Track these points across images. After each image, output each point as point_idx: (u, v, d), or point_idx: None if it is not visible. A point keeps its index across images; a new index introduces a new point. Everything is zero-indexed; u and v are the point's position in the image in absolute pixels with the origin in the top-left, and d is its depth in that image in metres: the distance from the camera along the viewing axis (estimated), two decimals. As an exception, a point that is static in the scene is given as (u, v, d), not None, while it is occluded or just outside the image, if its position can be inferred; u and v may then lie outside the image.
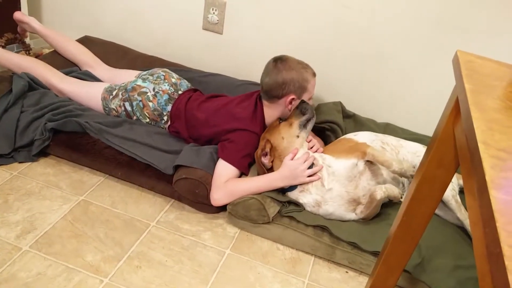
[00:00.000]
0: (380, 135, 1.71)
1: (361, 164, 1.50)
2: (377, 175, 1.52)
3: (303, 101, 1.61)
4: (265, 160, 1.54)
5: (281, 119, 1.62)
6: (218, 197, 1.51)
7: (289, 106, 1.68)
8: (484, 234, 0.45)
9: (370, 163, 1.51)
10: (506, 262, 0.39)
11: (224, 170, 1.55)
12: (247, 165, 1.60)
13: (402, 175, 1.46)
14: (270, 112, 1.70)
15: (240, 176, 1.59)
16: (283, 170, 1.51)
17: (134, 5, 2.24)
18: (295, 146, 1.55)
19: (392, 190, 1.45)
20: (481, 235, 0.49)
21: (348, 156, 1.52)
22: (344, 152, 1.55)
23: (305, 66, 1.69)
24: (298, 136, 1.57)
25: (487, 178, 0.50)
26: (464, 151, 0.71)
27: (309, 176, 1.51)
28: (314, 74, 1.71)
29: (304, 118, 1.58)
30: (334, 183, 1.50)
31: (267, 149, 1.54)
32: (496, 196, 0.47)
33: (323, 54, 2.04)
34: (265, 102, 1.72)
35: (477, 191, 0.51)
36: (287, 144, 1.55)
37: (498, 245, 0.41)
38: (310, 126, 1.60)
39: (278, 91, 1.66)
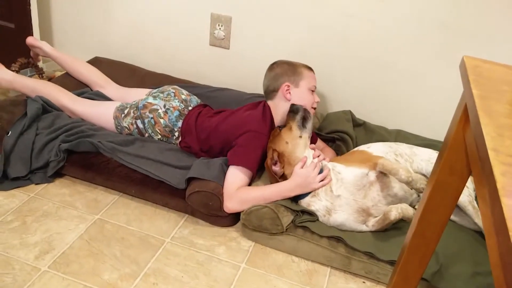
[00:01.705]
0: (394, 146, 1.70)
1: (372, 175, 1.49)
2: (389, 187, 1.51)
3: (292, 104, 1.64)
4: (276, 168, 1.55)
5: (280, 127, 1.64)
6: (230, 205, 1.53)
7: (287, 95, 1.73)
8: (498, 243, 0.45)
9: (382, 175, 1.50)
10: (521, 272, 0.38)
11: (234, 176, 1.56)
12: (256, 165, 1.60)
13: (409, 184, 1.42)
14: (276, 109, 1.74)
15: (251, 183, 1.60)
16: (295, 179, 1.52)
17: (141, 24, 2.28)
18: (300, 147, 1.56)
19: (408, 211, 1.43)
20: (495, 244, 0.48)
21: (360, 165, 1.52)
22: (355, 162, 1.55)
23: (298, 62, 1.80)
24: (300, 137, 1.58)
25: (499, 185, 0.50)
26: (475, 158, 0.71)
27: (321, 181, 1.52)
28: (309, 68, 1.80)
29: (298, 117, 1.60)
30: (342, 189, 1.49)
31: (275, 157, 1.55)
32: (508, 204, 0.47)
33: (329, 63, 2.05)
34: (269, 103, 1.77)
35: (489, 198, 0.51)
36: (292, 148, 1.56)
37: (512, 254, 0.41)
38: (309, 124, 1.61)
39: (273, 84, 1.76)
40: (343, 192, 1.49)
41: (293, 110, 1.62)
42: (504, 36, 1.78)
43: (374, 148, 1.66)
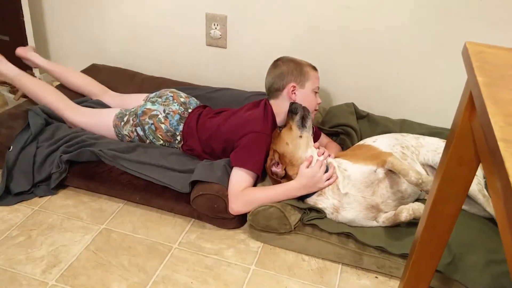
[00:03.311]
0: (400, 138, 1.67)
1: (381, 172, 1.46)
2: (398, 183, 1.48)
3: (292, 103, 1.61)
4: (278, 169, 1.53)
5: (280, 127, 1.61)
6: (235, 206, 1.51)
7: (293, 96, 1.69)
8: (511, 240, 0.42)
9: (391, 172, 1.46)
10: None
11: (238, 178, 1.54)
12: (260, 166, 1.57)
13: (419, 186, 1.37)
14: (278, 109, 1.70)
15: (255, 183, 1.58)
16: (301, 179, 1.49)
17: (137, 30, 2.26)
18: (302, 147, 1.53)
19: (420, 211, 1.39)
20: (511, 240, 0.46)
21: (367, 162, 1.48)
22: (363, 158, 1.51)
23: (303, 60, 1.75)
24: (301, 136, 1.55)
25: None
26: (483, 148, 0.68)
27: (327, 180, 1.49)
28: (314, 68, 1.76)
29: (297, 117, 1.56)
30: (349, 187, 1.47)
31: (276, 158, 1.53)
32: (523, 199, 0.44)
33: (329, 56, 2.02)
34: (272, 102, 1.73)
35: (502, 193, 0.48)
36: (293, 148, 1.53)
37: (531, 254, 0.38)
38: (309, 122, 1.58)
39: (278, 83, 1.71)
40: (350, 189, 1.47)
41: (292, 109, 1.59)
42: (507, 20, 1.74)
43: (380, 142, 1.63)
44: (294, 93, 1.69)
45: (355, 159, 1.53)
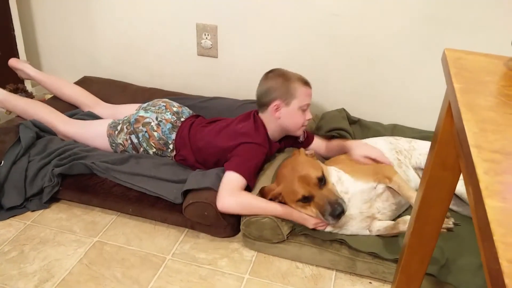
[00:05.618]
0: (394, 142, 1.67)
1: (380, 188, 1.46)
2: (395, 196, 1.48)
3: (338, 199, 1.39)
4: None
5: (321, 179, 1.41)
6: (227, 201, 1.47)
7: (276, 114, 1.64)
8: (483, 248, 0.43)
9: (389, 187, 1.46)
10: (506, 280, 0.36)
11: (231, 177, 1.51)
12: (253, 174, 1.56)
13: None
14: (267, 123, 1.68)
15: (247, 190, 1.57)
16: (292, 213, 1.47)
17: (128, 40, 2.27)
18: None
19: None
20: (482, 248, 0.46)
21: (369, 179, 1.46)
22: (365, 174, 1.48)
23: (295, 75, 1.67)
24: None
25: (481, 185, 0.47)
26: (460, 153, 0.69)
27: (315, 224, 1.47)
28: (305, 83, 1.67)
29: (327, 211, 1.37)
30: (349, 207, 1.43)
31: (278, 199, 1.49)
32: (491, 205, 0.44)
33: (318, 64, 2.03)
34: (261, 115, 1.71)
35: (473, 200, 0.48)
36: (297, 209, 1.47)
37: (497, 261, 0.38)
38: (339, 216, 1.39)
39: (264, 99, 1.66)
40: (350, 209, 1.44)
41: (329, 205, 1.37)
42: (489, 24, 1.76)
43: (380, 147, 1.62)
44: (278, 111, 1.64)
45: (357, 174, 1.48)
